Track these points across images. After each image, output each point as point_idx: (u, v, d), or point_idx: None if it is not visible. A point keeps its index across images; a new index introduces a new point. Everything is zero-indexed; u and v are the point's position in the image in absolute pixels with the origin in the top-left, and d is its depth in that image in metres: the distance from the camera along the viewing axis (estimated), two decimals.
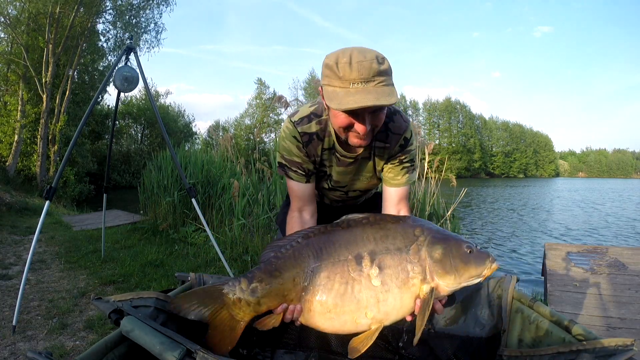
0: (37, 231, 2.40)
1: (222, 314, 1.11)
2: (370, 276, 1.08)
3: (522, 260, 6.60)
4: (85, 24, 13.59)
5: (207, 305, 1.10)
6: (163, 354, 0.83)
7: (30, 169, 13.88)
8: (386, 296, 1.07)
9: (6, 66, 13.53)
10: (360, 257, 1.10)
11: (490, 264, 1.08)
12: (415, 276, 1.07)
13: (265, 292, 1.11)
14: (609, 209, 16.45)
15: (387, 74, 1.12)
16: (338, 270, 1.10)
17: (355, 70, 1.08)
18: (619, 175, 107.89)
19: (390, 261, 1.09)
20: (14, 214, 7.21)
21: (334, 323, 1.10)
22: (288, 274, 1.12)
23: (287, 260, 1.14)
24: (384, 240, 1.12)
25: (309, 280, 1.11)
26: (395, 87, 1.14)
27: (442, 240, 1.10)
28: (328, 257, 1.12)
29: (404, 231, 1.13)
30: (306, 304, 1.12)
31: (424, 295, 1.07)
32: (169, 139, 3.24)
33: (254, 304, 1.11)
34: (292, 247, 1.16)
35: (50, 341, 2.19)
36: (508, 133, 78.63)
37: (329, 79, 1.14)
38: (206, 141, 24.23)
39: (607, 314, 2.60)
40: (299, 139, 1.37)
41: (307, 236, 1.18)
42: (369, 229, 1.14)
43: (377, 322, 1.09)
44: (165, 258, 3.97)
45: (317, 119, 1.36)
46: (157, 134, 30.06)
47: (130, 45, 3.04)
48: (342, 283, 1.09)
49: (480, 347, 1.23)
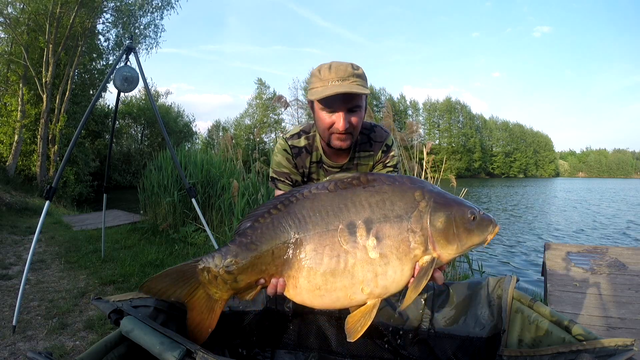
0: (37, 231, 2.40)
1: (198, 294, 1.02)
2: (366, 248, 0.97)
3: (522, 260, 6.60)
4: (85, 24, 13.59)
5: (182, 286, 1.01)
6: (163, 354, 0.83)
7: (30, 169, 13.88)
8: (385, 269, 0.97)
9: (6, 66, 13.52)
10: (353, 226, 0.99)
11: (492, 228, 1.03)
12: (417, 247, 0.98)
13: (242, 267, 1.00)
14: (609, 210, 16.44)
15: (362, 77, 1.29)
16: (327, 241, 0.99)
17: (333, 72, 1.26)
18: (619, 175, 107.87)
19: (390, 230, 0.98)
20: (14, 214, 7.21)
21: (325, 300, 1.00)
22: (266, 246, 1.00)
23: (264, 231, 1.02)
24: (381, 206, 1.00)
25: (291, 254, 1.00)
26: (367, 89, 1.29)
27: (445, 207, 1.00)
28: (314, 227, 1.00)
29: (403, 195, 1.01)
30: (291, 280, 1.01)
31: (423, 264, 0.98)
32: (169, 139, 3.24)
33: (230, 281, 1.00)
34: (270, 215, 1.03)
35: (50, 341, 2.19)
36: (508, 133, 78.63)
37: (313, 83, 1.32)
38: (206, 141, 24.25)
39: (607, 314, 2.60)
40: (288, 152, 1.51)
41: (288, 201, 1.05)
42: (361, 193, 1.03)
43: (375, 297, 0.99)
44: (165, 258, 3.97)
45: (305, 135, 1.52)
46: (157, 134, 30.06)
47: (130, 45, 3.04)
48: (332, 256, 0.98)
49: (480, 347, 1.23)
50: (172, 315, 1.20)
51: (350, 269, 0.97)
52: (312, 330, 1.38)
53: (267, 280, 1.03)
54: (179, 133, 31.46)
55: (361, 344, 1.35)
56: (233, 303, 1.38)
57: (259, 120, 42.99)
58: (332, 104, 1.28)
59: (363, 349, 1.35)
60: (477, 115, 74.26)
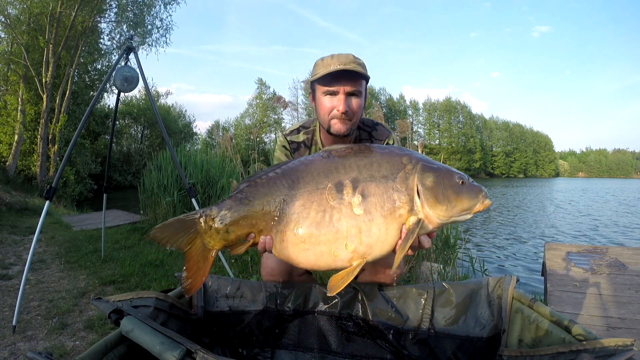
0: (37, 231, 2.40)
1: (196, 243, 1.10)
2: (352, 204, 1.01)
3: (522, 260, 6.60)
4: (86, 23, 13.58)
5: (183, 235, 1.09)
6: (163, 354, 0.83)
7: (30, 169, 13.88)
8: (369, 226, 1.00)
9: (6, 66, 13.51)
10: (341, 185, 1.03)
11: (482, 198, 1.03)
12: (402, 206, 1.00)
13: (233, 219, 1.08)
14: (609, 210, 16.44)
15: (362, 65, 1.35)
16: (315, 198, 1.03)
17: (335, 59, 1.33)
18: (619, 175, 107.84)
19: (375, 189, 1.02)
20: (14, 214, 7.20)
21: (309, 255, 1.03)
22: (257, 202, 1.08)
23: (258, 188, 1.09)
24: (369, 168, 1.05)
25: (281, 210, 1.06)
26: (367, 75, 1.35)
27: (433, 169, 1.04)
28: (305, 186, 1.05)
29: (391, 159, 1.07)
30: (278, 235, 1.06)
31: (409, 225, 1.00)
32: (169, 139, 3.24)
33: (222, 231, 1.08)
34: (267, 176, 1.11)
35: (50, 341, 2.19)
36: (508, 133, 78.59)
37: (315, 70, 1.38)
38: (206, 141, 24.24)
39: (607, 314, 2.60)
40: (287, 147, 1.55)
41: (285, 165, 1.13)
42: (352, 157, 1.08)
43: (359, 256, 1.01)
44: (165, 258, 3.97)
45: (304, 130, 1.56)
46: (158, 134, 30.06)
47: (130, 45, 3.04)
48: (319, 211, 1.02)
49: (480, 347, 1.23)
50: (172, 315, 1.20)
51: (335, 223, 1.01)
52: (312, 330, 1.38)
53: (257, 235, 1.09)
54: (179, 133, 31.46)
55: (361, 344, 1.35)
56: (233, 303, 1.38)
57: (259, 120, 42.98)
58: (332, 83, 1.33)
59: (363, 349, 1.35)
60: (478, 115, 74.29)
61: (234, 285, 1.40)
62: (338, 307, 1.37)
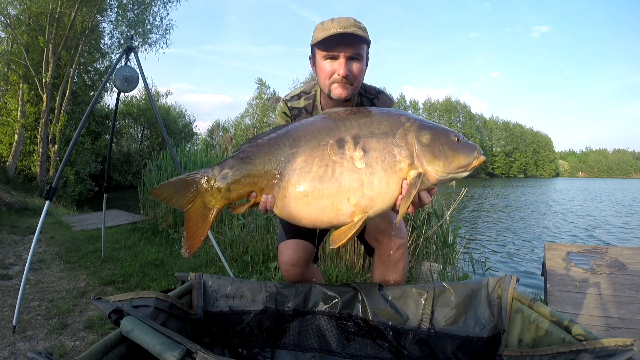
0: (37, 231, 2.40)
1: (196, 203, 1.11)
2: (353, 158, 1.03)
3: (522, 260, 6.60)
4: (86, 23, 13.58)
5: (184, 193, 1.10)
6: (163, 354, 0.83)
7: (30, 169, 13.87)
8: (371, 179, 1.01)
9: (6, 66, 13.51)
10: (342, 141, 1.05)
11: (477, 154, 1.06)
12: (402, 160, 1.03)
13: (235, 178, 1.08)
14: (607, 210, 16.44)
15: (363, 29, 1.30)
16: (317, 154, 1.05)
17: (336, 22, 1.28)
18: (619, 175, 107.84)
19: (376, 144, 1.04)
20: (14, 214, 7.20)
21: (311, 209, 1.03)
22: (259, 160, 1.08)
23: (260, 147, 1.10)
24: (369, 125, 1.07)
25: (282, 167, 1.07)
26: (368, 38, 1.31)
27: (429, 127, 1.08)
28: (306, 143, 1.07)
29: (390, 117, 1.10)
30: (280, 191, 1.06)
31: (410, 179, 1.02)
32: (169, 139, 3.24)
33: (224, 190, 1.09)
34: (268, 137, 1.12)
35: (50, 341, 2.19)
36: (508, 133, 78.59)
37: (315, 34, 1.32)
38: (206, 141, 24.24)
39: (607, 314, 2.60)
40: (288, 114, 1.51)
41: (286, 126, 1.15)
42: (352, 116, 1.11)
43: (361, 210, 1.02)
44: (165, 258, 3.97)
45: (305, 96, 1.51)
46: (158, 134, 30.05)
47: (130, 45, 3.04)
48: (321, 166, 1.03)
49: (480, 347, 1.23)
50: (172, 315, 1.20)
51: (337, 176, 1.02)
52: (312, 330, 1.38)
53: (259, 194, 1.09)
54: (179, 133, 31.45)
55: (361, 344, 1.35)
56: (233, 303, 1.38)
57: (259, 120, 42.94)
58: (332, 47, 1.28)
59: (363, 348, 1.35)
60: (478, 115, 74.30)
61: (234, 285, 1.40)
62: (338, 307, 1.36)
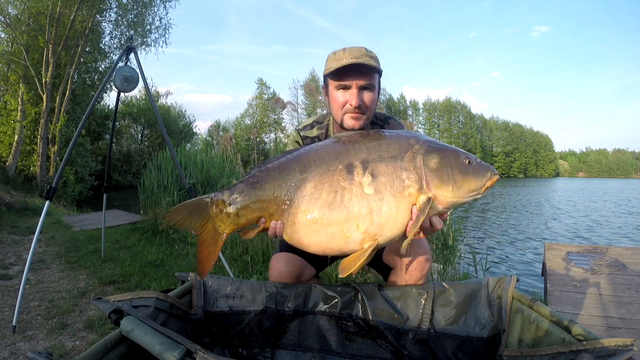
0: (37, 231, 2.40)
1: (207, 227, 1.12)
2: (362, 184, 1.02)
3: (522, 260, 6.60)
4: (86, 23, 13.57)
5: (196, 217, 1.11)
6: (163, 354, 0.83)
7: (30, 169, 13.87)
8: (380, 205, 1.00)
9: (6, 66, 13.51)
10: (351, 166, 1.04)
11: (490, 175, 1.03)
12: (411, 184, 1.01)
13: (244, 203, 1.08)
14: (607, 210, 16.43)
15: (375, 59, 1.32)
16: (326, 180, 1.04)
17: (347, 52, 1.30)
18: (619, 175, 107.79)
19: (384, 169, 1.03)
20: (14, 214, 7.20)
21: (320, 236, 1.03)
22: (269, 185, 1.08)
23: (270, 173, 1.10)
24: (378, 149, 1.06)
25: (292, 193, 1.06)
26: (380, 68, 1.32)
27: (438, 150, 1.05)
28: (316, 169, 1.06)
29: (399, 140, 1.08)
30: (289, 218, 1.06)
31: (420, 204, 1.00)
32: (169, 139, 3.24)
33: (233, 215, 1.09)
34: (278, 162, 1.12)
35: (50, 341, 2.19)
36: (508, 133, 78.57)
37: (327, 64, 1.35)
38: (206, 141, 24.24)
39: (607, 314, 2.60)
40: (300, 143, 1.52)
41: (296, 152, 1.14)
42: (361, 140, 1.10)
43: (371, 237, 1.01)
44: (165, 258, 3.97)
45: (318, 125, 1.54)
46: (158, 134, 30.06)
47: (130, 45, 3.04)
48: (330, 192, 1.03)
49: (480, 347, 1.23)
50: (172, 315, 1.20)
51: (346, 203, 1.02)
52: (312, 331, 1.38)
53: (268, 220, 1.09)
54: (179, 133, 31.44)
55: (361, 344, 1.35)
56: (233, 303, 1.38)
57: (259, 120, 42.93)
58: (345, 77, 1.30)
59: (363, 349, 1.35)
60: (478, 115, 74.27)
61: (234, 285, 1.39)
62: (338, 307, 1.36)
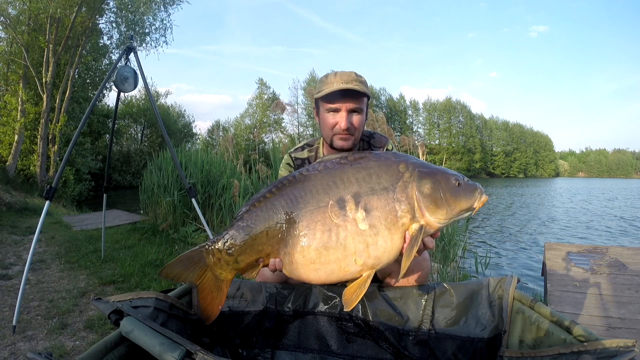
0: (37, 231, 2.40)
1: (207, 276, 1.11)
2: (356, 220, 1.03)
3: (522, 260, 6.60)
4: (86, 23, 13.57)
5: (193, 270, 1.11)
6: (163, 355, 0.83)
7: (30, 169, 13.86)
8: (376, 239, 1.02)
9: (6, 66, 13.51)
10: (342, 201, 1.05)
11: (479, 195, 1.06)
12: (404, 215, 1.03)
13: (240, 249, 1.08)
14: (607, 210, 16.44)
15: (363, 83, 1.40)
16: (318, 217, 1.05)
17: (338, 77, 1.38)
18: (619, 175, 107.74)
19: (377, 202, 1.04)
20: (14, 214, 7.20)
21: (320, 274, 1.05)
22: (260, 228, 1.07)
23: (258, 214, 1.09)
24: (368, 180, 1.06)
25: (285, 232, 1.06)
26: (368, 92, 1.41)
27: (429, 175, 1.06)
28: (305, 205, 1.06)
29: (388, 168, 1.08)
30: (287, 257, 1.07)
31: (412, 232, 1.02)
32: (169, 139, 3.24)
33: (232, 262, 1.09)
34: (265, 199, 1.11)
35: (50, 341, 2.19)
36: (508, 133, 78.49)
37: (319, 87, 1.43)
38: (206, 141, 24.26)
39: (607, 314, 2.60)
40: (291, 165, 1.60)
41: (282, 184, 1.13)
42: (349, 170, 1.09)
43: (369, 267, 1.04)
44: (165, 258, 3.97)
45: (309, 148, 1.62)
46: (158, 134, 30.06)
47: (130, 45, 3.04)
48: (324, 231, 1.04)
49: (481, 348, 1.23)
50: (172, 316, 1.20)
51: (342, 241, 1.03)
52: (312, 331, 1.38)
53: (266, 259, 1.09)
54: (179, 133, 31.45)
55: (361, 345, 1.35)
56: (233, 303, 1.38)
57: (259, 120, 42.91)
58: (335, 101, 1.37)
59: (363, 349, 1.34)
60: (477, 115, 74.17)
61: (233, 286, 1.39)
62: (338, 307, 1.36)
